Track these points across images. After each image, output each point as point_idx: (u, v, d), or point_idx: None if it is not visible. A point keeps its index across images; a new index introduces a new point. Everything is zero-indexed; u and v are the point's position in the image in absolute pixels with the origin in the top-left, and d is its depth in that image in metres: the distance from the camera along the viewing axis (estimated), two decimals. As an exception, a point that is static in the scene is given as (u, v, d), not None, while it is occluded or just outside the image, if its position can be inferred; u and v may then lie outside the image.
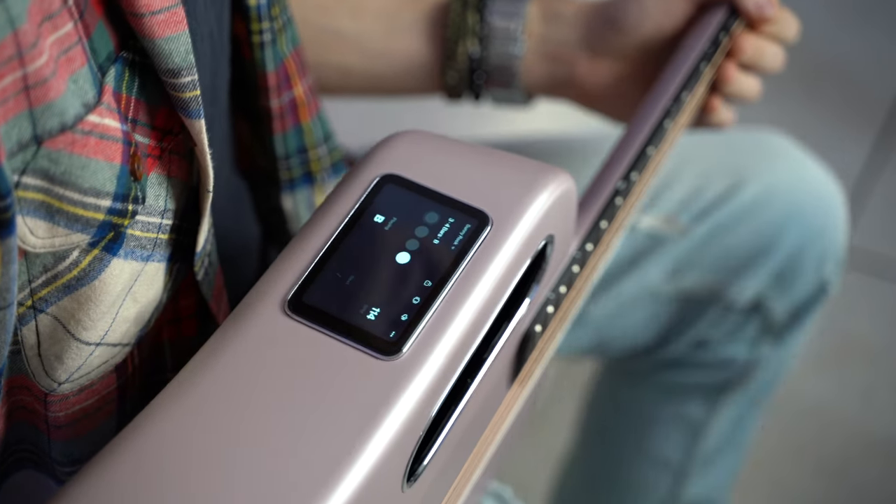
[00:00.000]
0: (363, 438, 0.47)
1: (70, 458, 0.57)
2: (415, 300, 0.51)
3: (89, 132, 0.47)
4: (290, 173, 0.70)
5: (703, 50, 0.75)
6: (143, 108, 0.52)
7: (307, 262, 0.52)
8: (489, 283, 0.52)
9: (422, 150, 0.56)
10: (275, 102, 0.66)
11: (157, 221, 0.54)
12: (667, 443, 1.03)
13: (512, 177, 0.55)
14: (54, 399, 0.54)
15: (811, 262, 0.93)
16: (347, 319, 0.51)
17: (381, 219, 0.54)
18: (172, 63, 0.50)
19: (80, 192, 0.48)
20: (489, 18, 0.80)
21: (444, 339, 0.50)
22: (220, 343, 0.50)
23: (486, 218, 0.54)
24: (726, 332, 0.95)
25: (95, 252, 0.51)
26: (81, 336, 0.52)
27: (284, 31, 0.65)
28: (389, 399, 0.48)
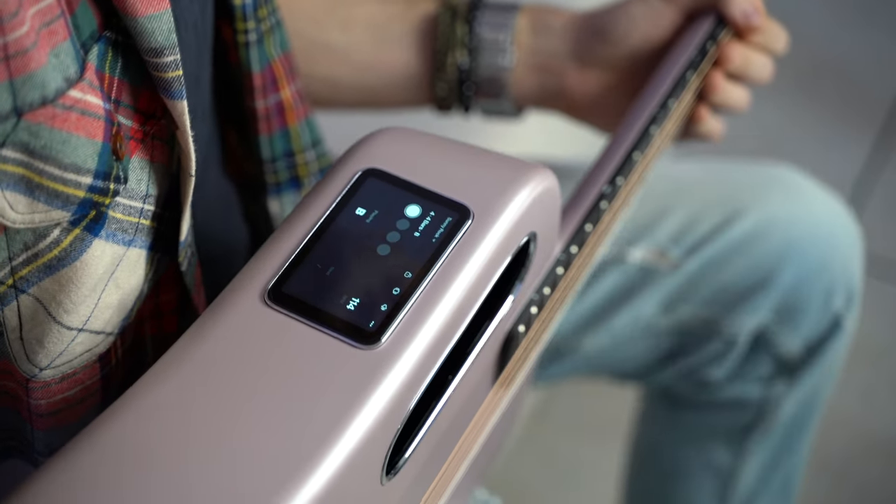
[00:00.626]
0: (341, 426, 0.48)
1: (52, 449, 0.57)
2: (395, 291, 0.52)
3: (70, 107, 0.47)
4: (276, 177, 0.70)
5: (690, 58, 0.75)
6: (127, 89, 0.52)
7: (288, 253, 0.53)
8: (470, 276, 0.53)
9: (404, 146, 0.56)
10: (260, 104, 0.66)
11: (138, 206, 0.54)
12: (701, 494, 1.01)
13: (493, 172, 0.56)
14: (36, 385, 0.54)
15: (816, 295, 0.92)
16: (327, 309, 0.51)
17: (363, 212, 0.54)
18: (155, 42, 0.50)
19: (61, 168, 0.48)
20: (478, 30, 0.80)
21: (423, 329, 0.51)
22: (200, 332, 0.50)
23: (467, 211, 0.54)
24: (732, 369, 0.94)
25: (76, 231, 0.51)
26: (63, 319, 0.52)
27: (272, 34, 0.65)
28: (368, 387, 0.49)
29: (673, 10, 0.79)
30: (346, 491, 0.48)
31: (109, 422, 0.48)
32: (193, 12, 0.58)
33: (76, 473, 0.46)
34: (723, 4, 0.77)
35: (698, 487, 1.01)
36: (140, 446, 0.47)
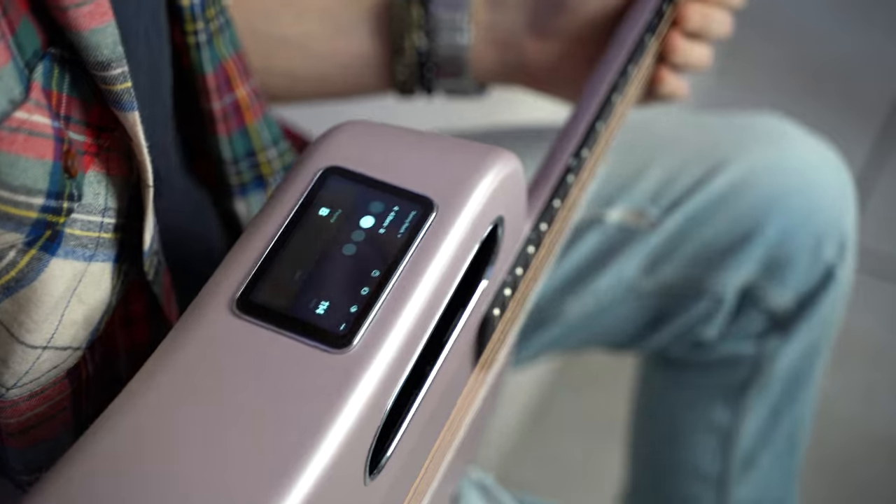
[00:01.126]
0: (319, 433, 0.47)
1: (27, 466, 0.56)
2: (363, 291, 0.51)
3: (17, 129, 0.47)
4: (240, 178, 0.70)
5: (647, 21, 0.74)
6: (77, 104, 0.51)
7: (254, 261, 0.52)
8: (438, 269, 0.52)
9: (364, 140, 0.55)
10: (216, 104, 0.66)
11: (97, 220, 0.53)
12: (702, 453, 1.01)
13: (456, 160, 0.55)
14: (4, 405, 0.53)
15: (804, 246, 0.90)
16: (296, 315, 0.50)
17: (326, 212, 0.53)
18: (101, 55, 0.50)
19: (11, 190, 0.47)
20: (434, 10, 0.79)
21: (395, 328, 0.50)
22: (171, 347, 0.50)
23: (430, 204, 0.53)
24: (723, 327, 0.93)
25: (33, 252, 0.50)
26: (26, 339, 0.52)
27: (221, 33, 0.65)
28: (342, 391, 0.48)
29: None
30: (328, 496, 0.48)
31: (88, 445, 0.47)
32: (143, 20, 0.57)
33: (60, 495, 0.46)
34: None
35: (699, 447, 1.00)
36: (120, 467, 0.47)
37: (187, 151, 0.71)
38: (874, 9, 1.93)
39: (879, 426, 1.44)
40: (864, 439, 1.43)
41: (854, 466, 1.41)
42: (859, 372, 1.49)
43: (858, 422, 1.44)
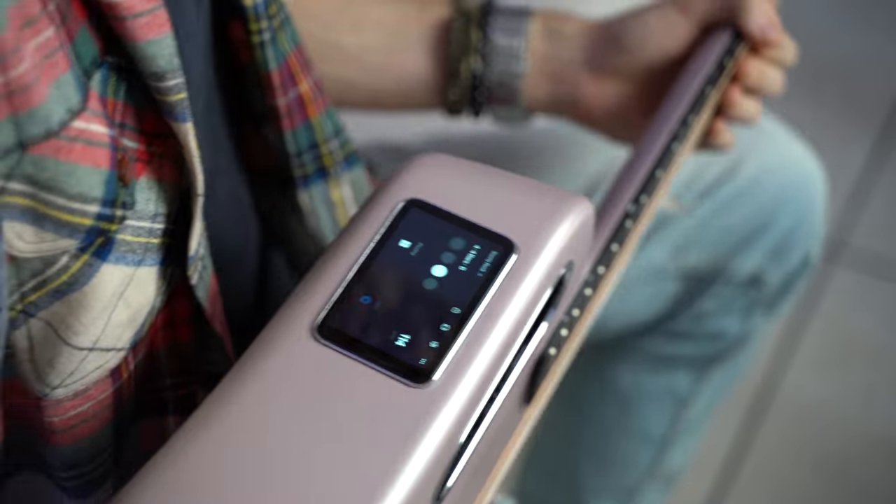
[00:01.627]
0: (398, 466, 0.48)
1: (67, 463, 0.57)
2: (443, 327, 0.52)
3: (75, 138, 0.47)
4: (303, 170, 0.70)
5: (709, 74, 0.75)
6: (131, 112, 0.52)
7: (334, 287, 0.52)
8: (515, 311, 0.53)
9: (444, 175, 0.56)
10: (281, 101, 0.66)
11: (147, 226, 0.54)
12: (652, 417, 1.04)
13: (535, 204, 0.56)
14: (48, 404, 0.54)
15: (802, 237, 0.95)
16: (377, 345, 0.51)
17: (407, 244, 0.54)
18: (157, 66, 0.50)
19: (67, 198, 0.48)
20: (491, 36, 0.80)
21: (473, 366, 0.51)
22: (248, 368, 0.50)
23: (511, 245, 0.54)
24: (721, 304, 0.96)
25: (85, 258, 0.51)
26: (73, 341, 0.52)
27: (283, 30, 0.65)
28: (421, 427, 0.49)
29: (689, 23, 0.78)
30: None
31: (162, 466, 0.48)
32: (198, 22, 0.58)
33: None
34: (741, 19, 0.77)
35: (654, 412, 1.04)
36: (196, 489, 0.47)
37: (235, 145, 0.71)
38: (874, 9, 1.93)
39: (879, 427, 1.44)
40: (863, 440, 1.43)
41: (853, 467, 1.41)
42: (859, 372, 1.49)
43: (858, 422, 1.44)
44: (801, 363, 1.50)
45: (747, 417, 1.45)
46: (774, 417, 1.46)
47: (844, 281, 1.59)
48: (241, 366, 0.51)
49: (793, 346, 1.52)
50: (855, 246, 1.62)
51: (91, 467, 0.57)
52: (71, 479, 0.57)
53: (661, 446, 1.06)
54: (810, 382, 1.48)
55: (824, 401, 1.47)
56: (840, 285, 1.58)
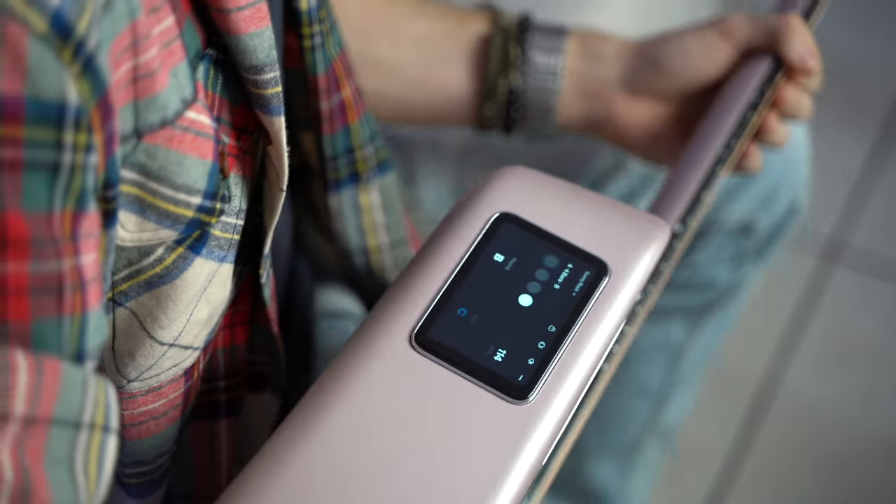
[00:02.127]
0: (499, 482, 0.49)
1: (133, 459, 0.57)
2: (540, 345, 0.52)
3: (187, 128, 0.48)
4: (336, 173, 0.70)
5: (751, 99, 0.75)
6: (226, 106, 0.52)
7: (430, 297, 0.53)
8: (606, 333, 0.54)
9: (532, 189, 0.57)
10: (325, 105, 0.66)
11: (233, 222, 0.54)
12: (649, 369, 1.05)
13: (624, 226, 0.57)
14: (122, 396, 0.54)
15: (787, 184, 0.97)
16: (475, 359, 0.52)
17: (501, 258, 0.55)
18: (256, 59, 0.51)
19: (174, 189, 0.48)
20: (529, 53, 0.80)
21: (566, 385, 0.52)
22: (348, 374, 0.51)
23: (605, 267, 0.55)
24: (713, 253, 0.97)
25: (180, 250, 0.51)
26: (157, 335, 0.53)
27: (331, 34, 0.65)
28: (520, 443, 0.50)
29: (729, 47, 0.78)
30: None
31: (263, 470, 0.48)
32: None
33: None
34: (783, 47, 0.77)
35: (651, 365, 1.05)
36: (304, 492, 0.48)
37: None
38: (874, 9, 1.93)
39: (878, 427, 1.44)
40: (862, 440, 1.43)
41: (853, 467, 1.41)
42: (859, 372, 1.49)
43: (857, 422, 1.44)
44: (801, 363, 1.50)
45: (747, 417, 1.45)
46: (774, 417, 1.45)
47: (844, 281, 1.59)
48: (338, 370, 0.51)
49: (793, 346, 1.52)
50: (855, 246, 1.62)
51: (153, 466, 0.58)
52: (134, 476, 0.58)
53: (658, 400, 1.07)
54: (810, 382, 1.48)
55: (824, 401, 1.47)
56: (840, 285, 1.58)
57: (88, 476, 0.43)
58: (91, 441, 0.43)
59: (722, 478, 1.40)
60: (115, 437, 0.44)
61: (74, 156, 0.41)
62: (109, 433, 0.44)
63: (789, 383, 1.49)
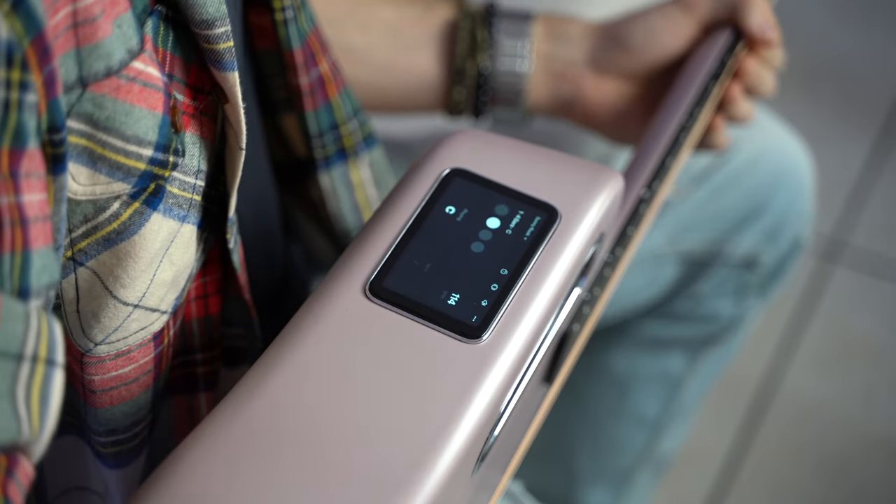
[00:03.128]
0: (455, 420, 0.49)
1: (107, 427, 0.57)
2: (493, 287, 0.53)
3: (134, 78, 0.48)
4: (324, 151, 0.71)
5: (712, 69, 0.77)
6: (179, 63, 0.53)
7: (384, 249, 0.54)
8: (560, 274, 0.55)
9: (483, 147, 0.59)
10: (304, 80, 0.67)
11: (192, 181, 0.54)
12: (647, 400, 1.06)
13: (574, 174, 0.58)
14: (90, 361, 0.55)
15: (793, 220, 0.99)
16: (430, 304, 0.53)
17: (452, 210, 0.56)
18: (206, 13, 0.51)
19: (123, 140, 0.49)
20: (497, 36, 0.81)
21: (521, 325, 0.53)
22: (304, 326, 0.52)
23: (555, 212, 0.56)
24: (716, 286, 0.99)
25: (136, 205, 0.52)
26: (119, 294, 0.53)
27: (303, 9, 0.66)
28: (476, 380, 0.51)
29: (691, 22, 0.80)
30: (452, 485, 0.49)
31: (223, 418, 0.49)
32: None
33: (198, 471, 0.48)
34: (741, 18, 0.79)
35: (648, 395, 1.06)
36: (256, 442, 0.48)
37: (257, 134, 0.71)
38: (873, 9, 1.93)
39: (878, 427, 1.44)
40: (862, 440, 1.43)
41: (853, 467, 1.41)
42: (859, 372, 1.49)
43: (857, 422, 1.44)
44: (801, 363, 1.50)
45: (747, 417, 1.45)
46: (774, 417, 1.46)
47: (844, 281, 1.59)
48: (295, 325, 0.52)
49: (793, 346, 1.52)
50: (855, 246, 1.62)
51: (129, 435, 0.58)
52: (109, 444, 0.58)
53: (654, 430, 1.08)
54: (810, 382, 1.48)
55: (824, 401, 1.47)
56: (840, 285, 1.59)
57: (31, 409, 0.43)
58: (34, 374, 0.43)
59: (722, 478, 1.40)
60: (61, 372, 0.45)
61: (8, 92, 0.41)
62: (54, 366, 0.44)
63: (789, 383, 1.49)
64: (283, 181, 0.74)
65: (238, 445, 0.48)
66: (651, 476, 1.12)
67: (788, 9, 1.81)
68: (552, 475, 1.14)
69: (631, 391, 1.06)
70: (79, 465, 0.61)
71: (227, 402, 0.50)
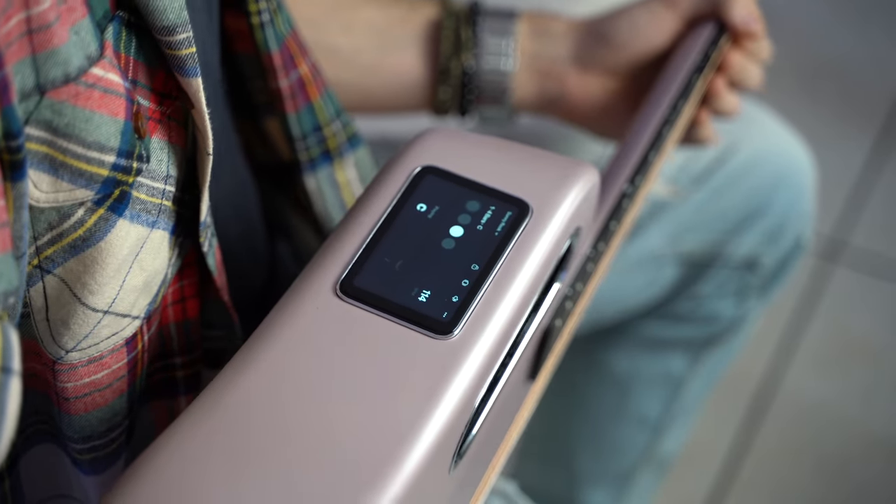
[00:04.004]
0: (425, 415, 0.49)
1: (82, 434, 0.57)
2: (464, 283, 0.53)
3: (93, 85, 0.48)
4: (308, 153, 0.71)
5: (696, 63, 0.77)
6: (142, 69, 0.52)
7: (355, 248, 0.54)
8: (532, 268, 0.54)
9: (455, 144, 0.58)
10: (284, 82, 0.67)
11: (160, 187, 0.54)
12: (648, 400, 1.06)
13: (546, 169, 0.58)
14: (62, 368, 0.54)
15: (794, 220, 0.98)
16: (399, 301, 0.52)
17: (424, 207, 0.56)
18: (167, 19, 0.51)
19: (84, 146, 0.48)
20: (481, 35, 0.81)
21: (493, 320, 0.52)
22: (275, 326, 0.52)
23: (526, 206, 0.56)
24: (717, 287, 0.98)
25: (101, 211, 0.51)
26: (88, 301, 0.53)
27: (279, 13, 0.66)
28: (447, 376, 0.50)
29: (675, 17, 0.80)
30: (426, 481, 0.49)
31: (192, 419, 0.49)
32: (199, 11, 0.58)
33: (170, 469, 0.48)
34: (724, 11, 0.79)
35: (650, 396, 1.06)
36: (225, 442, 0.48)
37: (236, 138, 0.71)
38: (873, 8, 1.93)
39: (878, 427, 1.44)
40: (862, 440, 1.43)
41: (852, 467, 1.41)
42: (859, 372, 1.49)
43: (857, 422, 1.44)
44: (801, 363, 1.50)
45: (747, 417, 1.45)
46: (774, 417, 1.46)
47: (844, 281, 1.59)
48: (267, 325, 0.52)
49: (793, 346, 1.52)
50: (855, 246, 1.62)
51: (104, 441, 0.58)
52: (85, 451, 0.58)
53: (655, 430, 1.08)
54: (810, 382, 1.48)
55: (824, 401, 1.47)
56: (840, 285, 1.59)
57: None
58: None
59: (722, 478, 1.40)
60: (18, 380, 0.44)
61: None
62: (10, 374, 0.44)
63: (789, 383, 1.49)
64: (272, 181, 0.74)
65: (210, 443, 0.48)
66: (653, 476, 1.12)
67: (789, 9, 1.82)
68: (554, 476, 1.14)
69: (632, 392, 1.06)
70: (58, 473, 0.61)
71: (198, 402, 0.50)
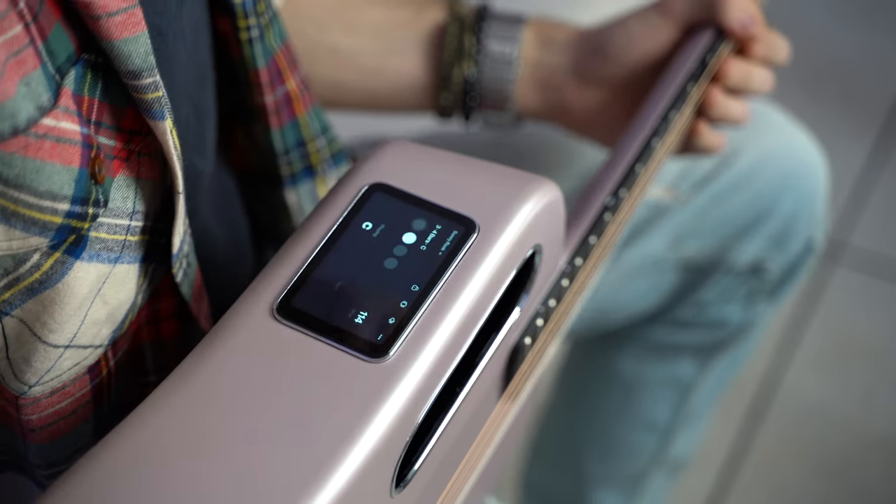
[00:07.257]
0: (352, 438, 0.48)
1: (47, 461, 0.56)
2: (402, 304, 0.52)
3: (44, 135, 0.47)
4: (290, 168, 0.70)
5: (691, 70, 0.75)
6: (108, 110, 0.51)
7: (296, 268, 0.53)
8: (476, 289, 0.53)
9: (409, 160, 0.57)
10: (269, 98, 0.66)
11: (125, 223, 0.53)
12: (656, 405, 1.05)
13: (498, 186, 0.56)
14: (26, 402, 0.54)
15: (804, 223, 0.96)
16: (335, 323, 0.51)
17: (370, 226, 0.54)
18: (132, 65, 0.50)
19: (36, 196, 0.47)
20: (485, 42, 0.80)
21: (431, 342, 0.51)
22: (209, 347, 0.51)
23: (472, 225, 0.54)
24: (722, 292, 0.97)
25: (57, 255, 0.51)
26: (48, 339, 0.52)
27: (271, 27, 0.65)
28: (377, 400, 0.49)
29: (670, 25, 0.78)
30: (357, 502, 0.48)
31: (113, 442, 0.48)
32: (182, 18, 0.58)
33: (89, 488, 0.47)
34: (720, 17, 0.77)
35: (658, 401, 1.04)
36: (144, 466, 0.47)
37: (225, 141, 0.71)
38: (874, 9, 1.93)
39: (879, 427, 1.44)
40: (863, 440, 1.43)
41: (853, 467, 1.41)
42: (859, 372, 1.49)
43: (858, 423, 1.44)
44: (801, 363, 1.50)
45: (747, 417, 1.45)
46: (774, 417, 1.45)
47: (844, 281, 1.59)
48: (205, 343, 0.51)
49: (793, 346, 1.52)
50: (855, 246, 1.62)
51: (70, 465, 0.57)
52: (51, 476, 0.57)
53: (665, 434, 1.06)
54: (810, 382, 1.48)
55: (824, 401, 1.47)
56: (840, 285, 1.58)
57: None
58: None
59: (722, 478, 1.40)
60: None
61: None
62: None
63: (789, 383, 1.49)
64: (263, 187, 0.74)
65: (137, 459, 0.47)
66: (665, 479, 1.11)
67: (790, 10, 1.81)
68: (562, 480, 1.13)
69: (640, 396, 1.05)
70: (25, 498, 0.60)
71: (131, 418, 0.49)
